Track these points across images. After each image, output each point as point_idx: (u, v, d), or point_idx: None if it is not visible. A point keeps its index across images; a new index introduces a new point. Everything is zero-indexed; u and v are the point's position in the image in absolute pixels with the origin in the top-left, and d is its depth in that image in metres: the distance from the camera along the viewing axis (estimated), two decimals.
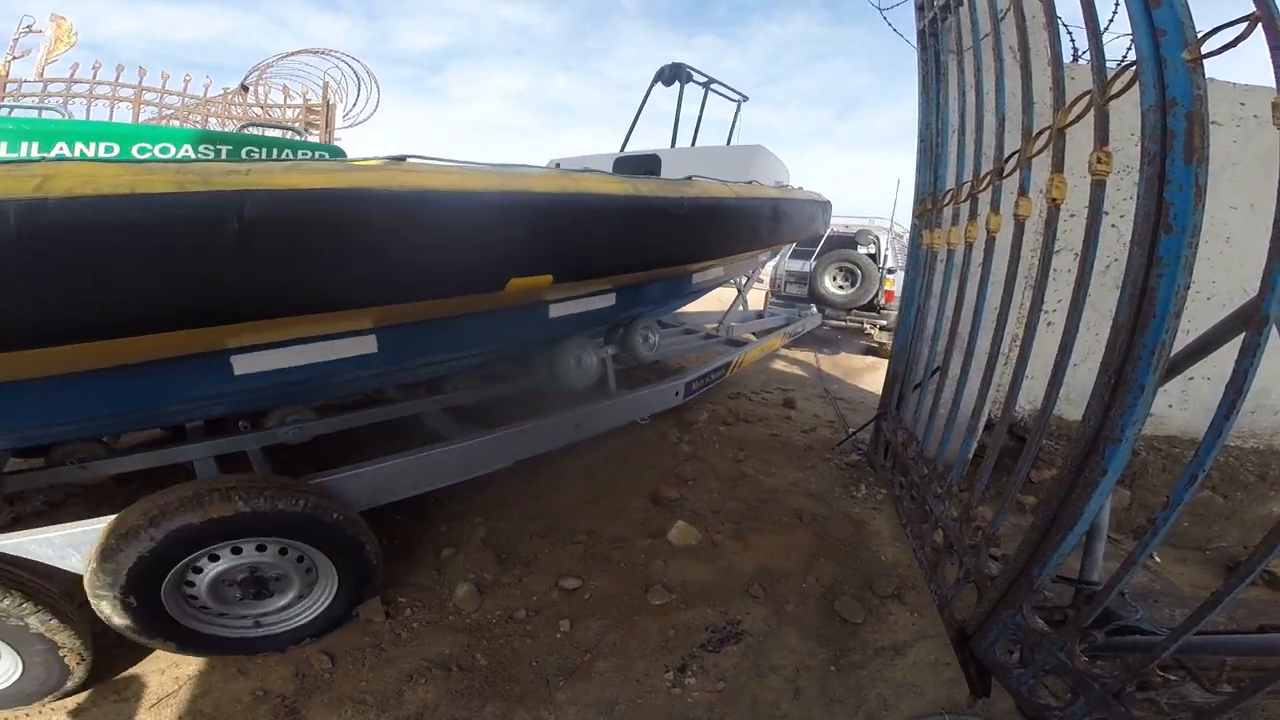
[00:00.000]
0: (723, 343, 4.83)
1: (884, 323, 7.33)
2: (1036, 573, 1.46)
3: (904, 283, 3.25)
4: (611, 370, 3.19)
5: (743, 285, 5.33)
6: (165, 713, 1.72)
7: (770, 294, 8.43)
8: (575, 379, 2.90)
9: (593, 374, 3.00)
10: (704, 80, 5.02)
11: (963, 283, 2.36)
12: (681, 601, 2.29)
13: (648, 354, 3.38)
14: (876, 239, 8.08)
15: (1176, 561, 2.72)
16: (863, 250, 7.78)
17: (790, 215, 3.65)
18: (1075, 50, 4.01)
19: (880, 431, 3.27)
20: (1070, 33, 3.99)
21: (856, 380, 5.90)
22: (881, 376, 3.56)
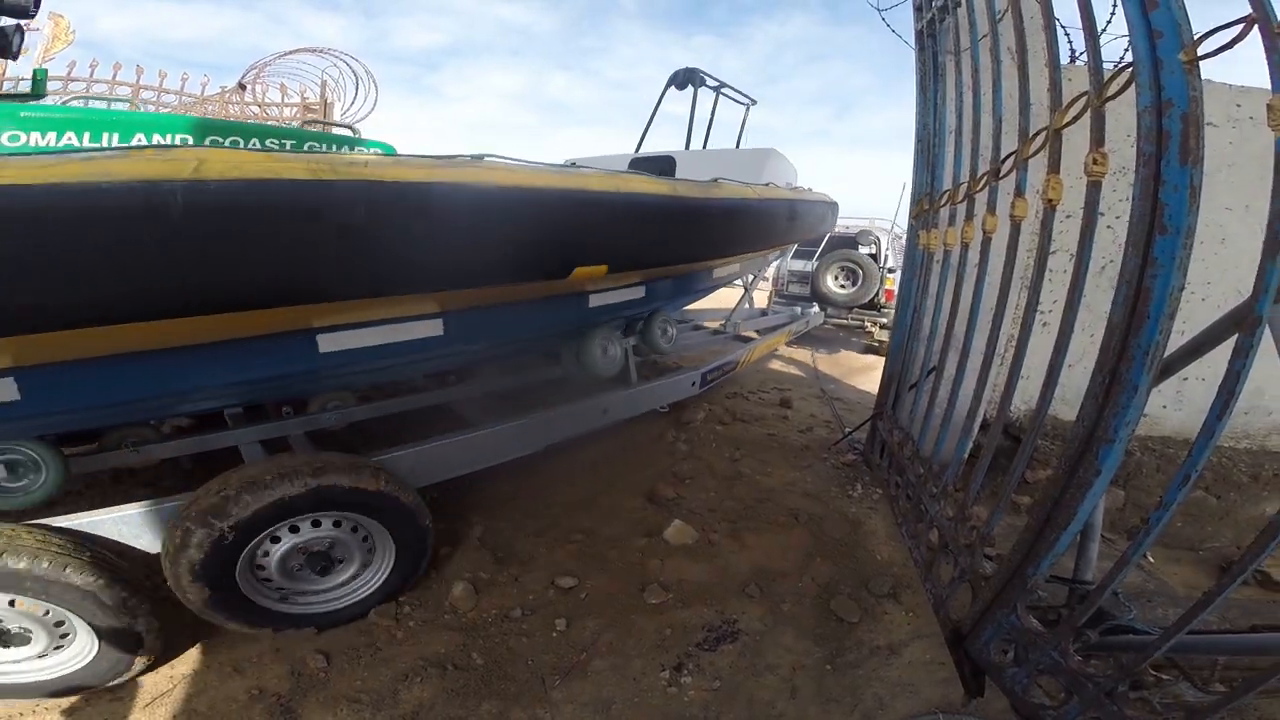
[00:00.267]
0: (730, 339, 4.98)
1: (884, 321, 7.45)
2: (1031, 572, 1.46)
3: (900, 283, 3.27)
4: (633, 360, 3.33)
5: (749, 283, 5.41)
6: (160, 711, 1.72)
7: (774, 293, 8.52)
8: (602, 367, 3.05)
9: (617, 363, 3.16)
10: (715, 84, 5.14)
11: (959, 283, 2.37)
12: (678, 600, 2.29)
13: (666, 346, 3.56)
14: (877, 239, 8.25)
15: (1170, 561, 2.73)
16: (864, 250, 7.95)
17: (804, 215, 3.83)
18: (1073, 52, 4.01)
19: (876, 431, 3.28)
20: (1068, 34, 3.99)
21: (853, 380, 5.91)
22: (878, 376, 3.57)
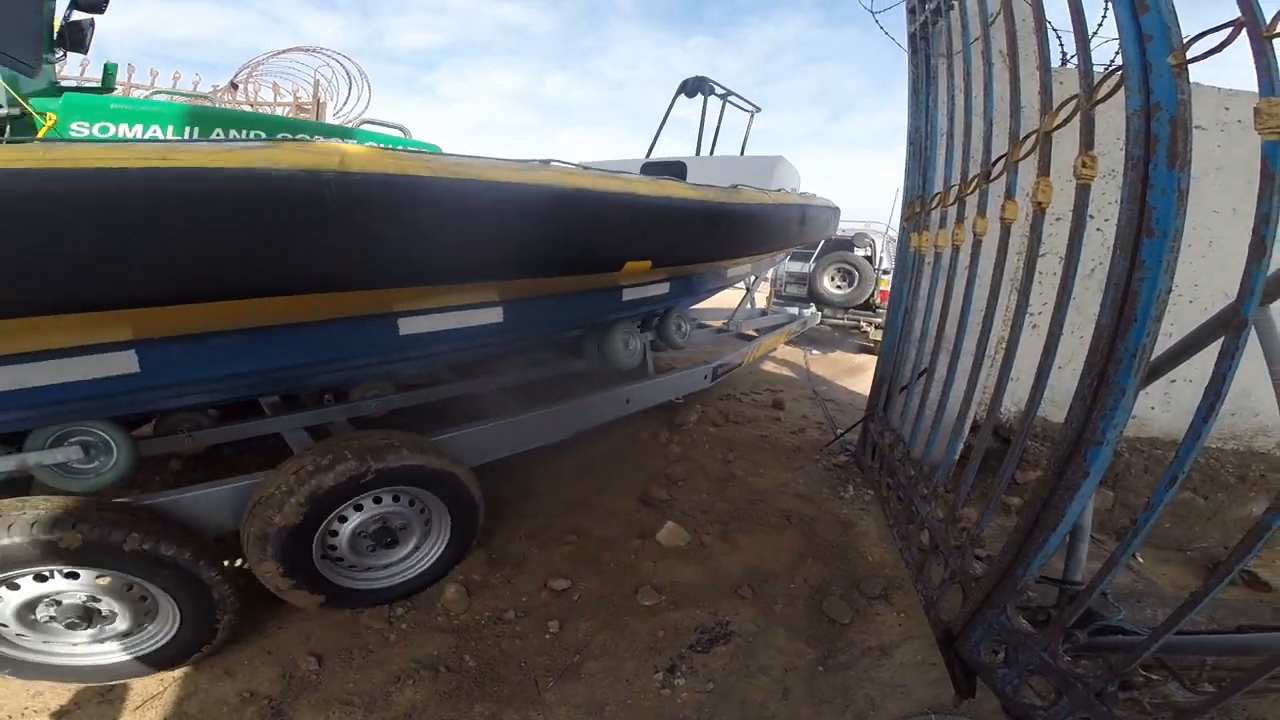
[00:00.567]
0: (733, 336, 5.21)
1: (879, 321, 7.60)
2: (1020, 573, 1.47)
3: (892, 285, 3.30)
4: (650, 354, 3.53)
5: (751, 284, 5.56)
6: (150, 714, 1.70)
7: (772, 293, 8.64)
8: (623, 360, 3.21)
9: (637, 356, 3.35)
10: (723, 93, 5.28)
11: (949, 285, 2.38)
12: (671, 602, 2.29)
13: (681, 341, 3.74)
14: (872, 242, 8.39)
15: (1158, 562, 2.75)
16: (860, 252, 8.08)
17: (812, 219, 4.03)
18: (1065, 55, 4.04)
19: (868, 433, 3.29)
20: (1060, 37, 4.03)
21: (845, 381, 5.94)
22: (870, 377, 3.58)
